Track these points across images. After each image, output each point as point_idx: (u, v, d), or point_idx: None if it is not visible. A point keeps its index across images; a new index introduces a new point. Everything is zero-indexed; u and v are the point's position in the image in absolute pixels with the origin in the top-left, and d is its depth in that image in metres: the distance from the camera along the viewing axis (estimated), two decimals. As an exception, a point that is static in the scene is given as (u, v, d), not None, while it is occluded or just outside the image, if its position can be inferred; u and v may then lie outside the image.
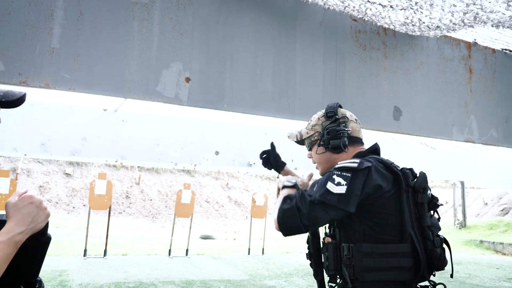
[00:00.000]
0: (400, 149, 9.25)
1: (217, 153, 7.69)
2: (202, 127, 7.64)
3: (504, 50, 4.12)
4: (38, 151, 6.70)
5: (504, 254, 12.83)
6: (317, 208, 1.37)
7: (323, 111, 1.65)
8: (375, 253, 1.40)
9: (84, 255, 8.79)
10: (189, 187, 10.10)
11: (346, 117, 1.62)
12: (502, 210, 16.30)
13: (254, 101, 3.02)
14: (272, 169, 1.90)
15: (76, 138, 6.87)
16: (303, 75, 3.24)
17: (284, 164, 1.92)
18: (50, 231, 1.08)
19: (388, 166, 1.47)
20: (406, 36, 3.64)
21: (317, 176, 1.70)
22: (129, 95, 2.66)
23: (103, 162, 15.39)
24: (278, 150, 1.90)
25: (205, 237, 14.51)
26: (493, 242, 13.53)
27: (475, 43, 3.98)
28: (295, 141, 1.74)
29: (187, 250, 9.93)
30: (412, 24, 2.97)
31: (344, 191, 1.36)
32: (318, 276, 1.60)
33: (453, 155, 9.70)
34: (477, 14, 2.24)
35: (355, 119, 1.65)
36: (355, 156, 1.55)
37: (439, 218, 1.58)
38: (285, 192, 1.53)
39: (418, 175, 1.52)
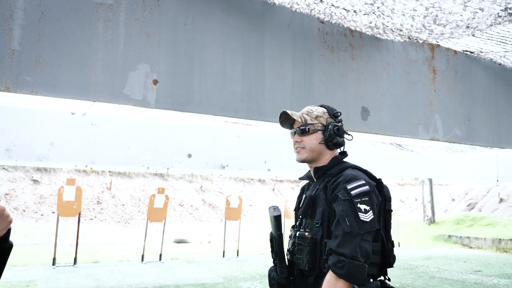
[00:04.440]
0: (370, 149, 9.43)
1: (189, 155, 7.64)
2: (174, 129, 7.57)
3: (465, 52, 4.28)
4: (2, 157, 6.47)
5: (471, 247, 13.29)
6: (362, 242, 1.49)
7: (322, 108, 1.78)
8: None
9: (53, 264, 8.52)
10: (163, 192, 9.97)
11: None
12: (468, 205, 16.88)
13: (223, 103, 3.02)
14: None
15: (43, 143, 6.67)
16: (272, 76, 3.26)
17: None
18: (16, 240, 1.05)
19: (372, 177, 1.66)
20: (372, 38, 3.73)
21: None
22: (95, 98, 2.61)
23: (72, 167, 15.00)
24: (252, 152, 1.93)
25: (179, 241, 14.34)
26: (460, 237, 13.98)
27: (438, 45, 4.12)
28: (284, 123, 1.81)
29: (160, 255, 9.80)
30: (377, 28, 3.04)
31: (373, 215, 1.53)
32: (283, 274, 1.69)
33: (421, 154, 9.98)
34: (436, 16, 2.32)
35: None
36: (334, 160, 1.72)
37: None
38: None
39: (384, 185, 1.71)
